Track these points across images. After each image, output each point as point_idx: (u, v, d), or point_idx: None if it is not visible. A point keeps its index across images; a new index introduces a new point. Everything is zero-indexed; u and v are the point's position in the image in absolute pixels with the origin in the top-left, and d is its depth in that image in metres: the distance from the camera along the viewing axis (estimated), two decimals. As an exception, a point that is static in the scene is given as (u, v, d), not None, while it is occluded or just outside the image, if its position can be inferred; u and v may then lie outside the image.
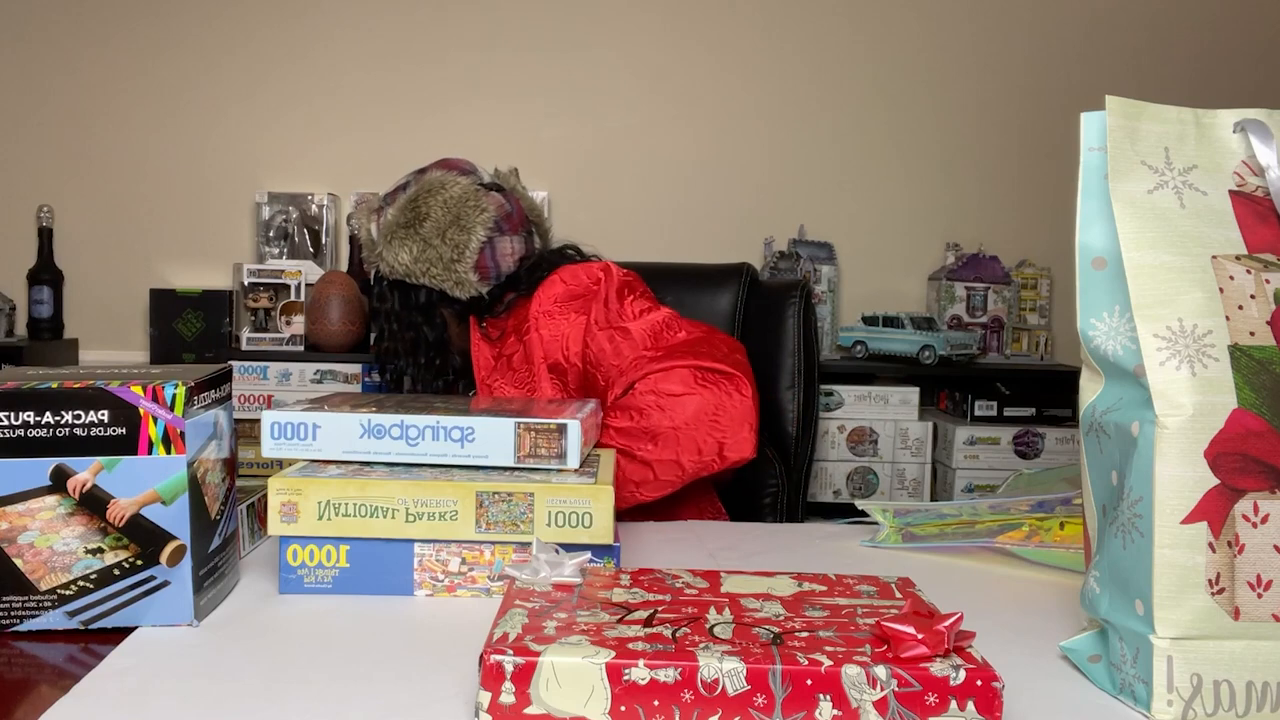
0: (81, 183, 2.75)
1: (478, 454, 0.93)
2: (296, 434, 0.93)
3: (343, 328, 2.45)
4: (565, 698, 0.60)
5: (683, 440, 1.26)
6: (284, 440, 0.93)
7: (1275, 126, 0.73)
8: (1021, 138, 2.84)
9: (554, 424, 0.93)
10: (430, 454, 0.93)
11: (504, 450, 0.93)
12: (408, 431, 0.93)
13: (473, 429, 0.93)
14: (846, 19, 2.85)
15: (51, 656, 0.75)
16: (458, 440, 0.93)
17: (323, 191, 2.74)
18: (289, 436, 0.93)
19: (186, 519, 0.79)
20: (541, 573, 0.75)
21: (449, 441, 0.93)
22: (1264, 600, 0.66)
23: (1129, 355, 0.70)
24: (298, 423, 0.93)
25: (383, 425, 0.93)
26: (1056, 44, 2.87)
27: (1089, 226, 0.73)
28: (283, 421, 0.93)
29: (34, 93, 2.74)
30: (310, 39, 2.76)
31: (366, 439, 0.93)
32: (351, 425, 0.93)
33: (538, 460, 0.93)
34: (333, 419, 0.94)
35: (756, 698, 0.60)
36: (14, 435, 0.76)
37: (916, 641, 0.61)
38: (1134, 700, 0.69)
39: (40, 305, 2.64)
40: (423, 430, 0.93)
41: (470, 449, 0.93)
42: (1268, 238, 0.71)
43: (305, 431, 0.93)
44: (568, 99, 2.80)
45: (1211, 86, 2.84)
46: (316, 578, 0.88)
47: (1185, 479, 0.66)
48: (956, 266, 2.74)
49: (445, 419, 0.93)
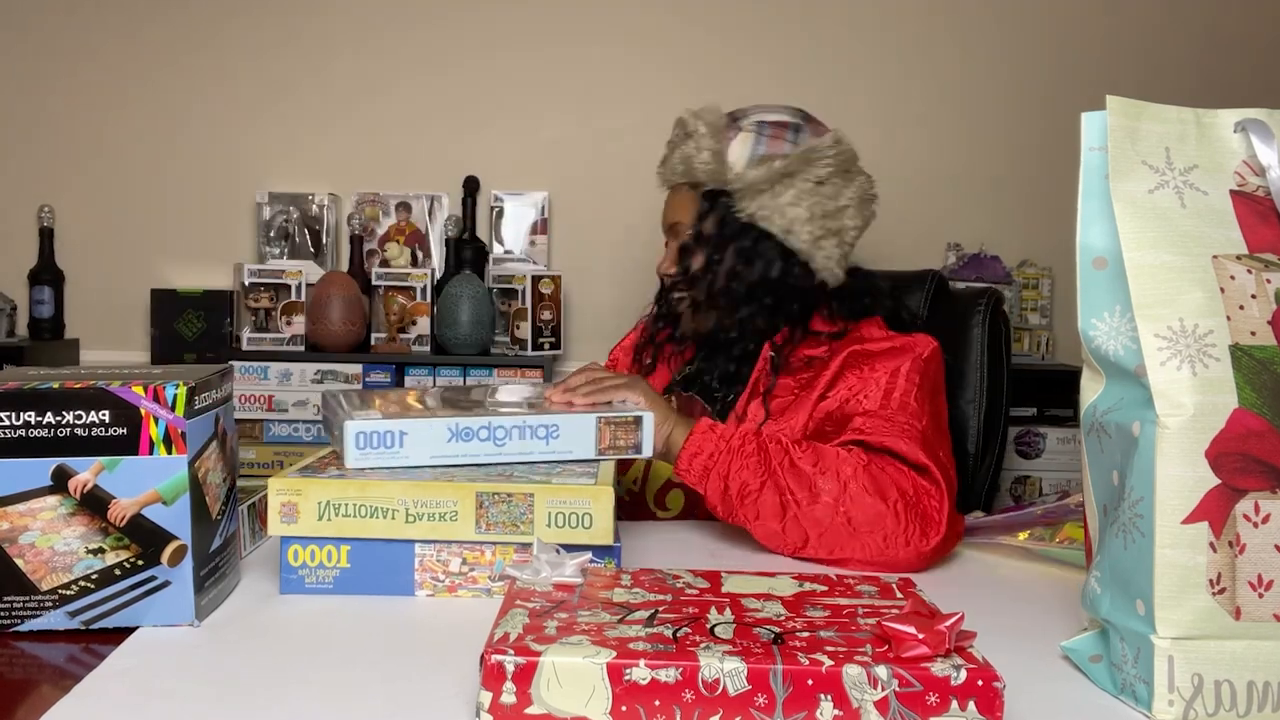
0: (82, 183, 2.75)
1: (562, 450, 0.96)
2: (383, 442, 0.92)
3: (343, 328, 2.45)
4: (566, 698, 0.60)
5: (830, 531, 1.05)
6: (370, 450, 0.92)
7: (1276, 126, 0.73)
8: (1023, 138, 2.84)
9: (631, 416, 0.98)
10: (517, 453, 0.95)
11: (586, 444, 0.97)
12: (495, 432, 0.94)
13: (557, 426, 0.96)
14: (846, 19, 2.84)
15: (52, 656, 0.75)
16: (543, 438, 0.95)
17: (323, 191, 2.74)
18: (375, 445, 0.92)
19: (187, 519, 0.79)
20: (542, 573, 0.75)
21: (535, 439, 0.95)
22: (1265, 600, 0.66)
23: (1130, 355, 0.70)
24: (384, 431, 0.92)
25: (471, 428, 0.94)
26: (1057, 44, 2.86)
27: (1090, 226, 0.73)
28: (368, 430, 0.92)
29: (34, 92, 2.74)
30: (311, 39, 2.76)
31: (455, 442, 0.93)
32: (439, 430, 0.93)
33: (616, 451, 0.97)
34: (421, 425, 0.93)
35: (757, 698, 0.60)
36: (15, 435, 0.76)
37: (917, 641, 0.61)
38: (1135, 700, 0.69)
39: (41, 305, 2.64)
40: (510, 430, 0.94)
41: (555, 445, 0.96)
42: (1268, 237, 0.71)
43: (392, 440, 0.92)
44: (568, 99, 2.80)
45: (1212, 86, 2.84)
46: (317, 578, 0.88)
47: (1186, 479, 0.66)
48: (958, 266, 2.74)
49: (531, 418, 0.95)
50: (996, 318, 1.60)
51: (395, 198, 2.75)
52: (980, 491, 1.59)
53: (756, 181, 1.27)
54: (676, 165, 1.34)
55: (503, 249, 2.75)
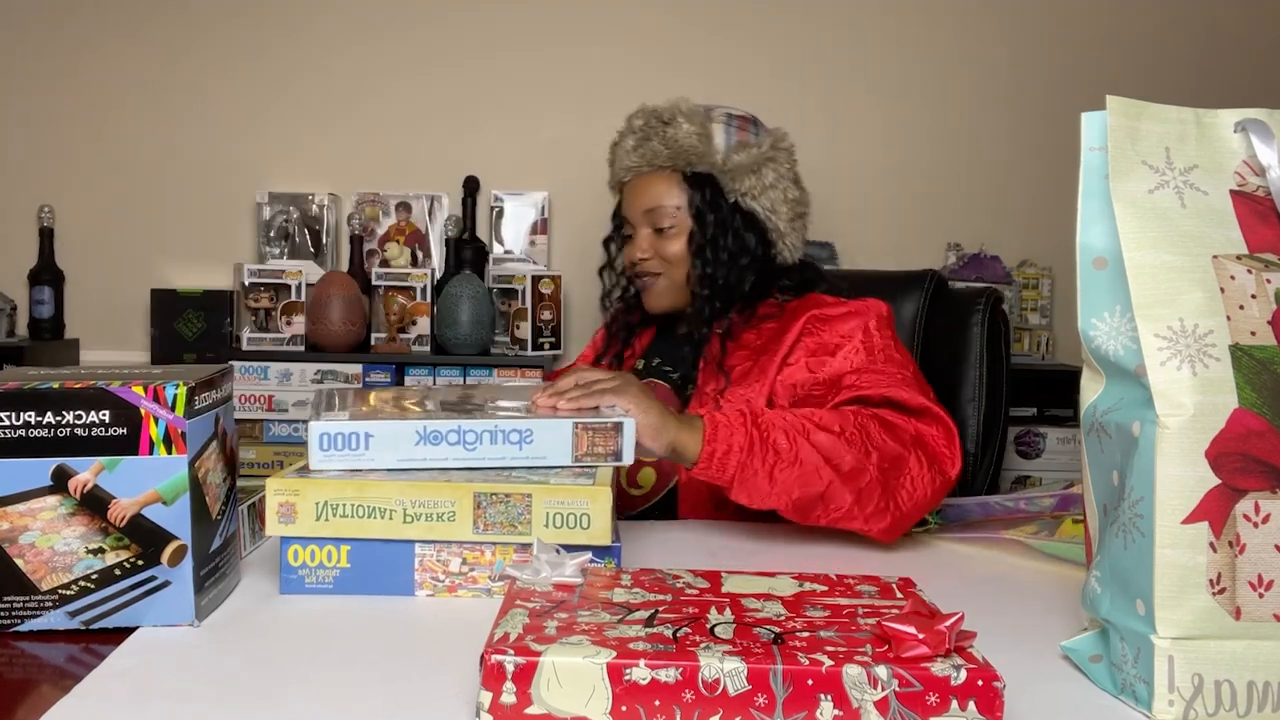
0: (82, 183, 2.75)
1: (536, 455, 0.92)
2: (348, 444, 0.90)
3: (343, 328, 2.45)
4: (566, 698, 0.60)
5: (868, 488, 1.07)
6: (334, 451, 0.90)
7: (1276, 126, 0.73)
8: (1023, 138, 2.84)
9: (610, 423, 0.94)
10: (488, 458, 0.91)
11: (562, 450, 0.93)
12: (465, 436, 0.91)
13: (531, 431, 0.92)
14: (847, 19, 2.84)
15: (52, 656, 0.75)
16: (516, 443, 0.92)
17: (323, 191, 2.74)
18: (339, 447, 0.90)
19: (187, 519, 0.79)
20: (542, 573, 0.75)
21: (507, 444, 0.92)
22: (1265, 600, 0.66)
23: (1130, 355, 0.70)
24: (348, 432, 0.90)
25: (439, 431, 0.90)
26: (1057, 43, 2.86)
27: (1090, 226, 0.73)
28: (332, 432, 0.89)
29: (34, 93, 2.74)
30: (311, 39, 2.76)
31: (423, 445, 0.90)
32: (406, 432, 0.90)
33: (594, 458, 0.93)
34: (386, 427, 0.90)
35: (757, 698, 0.60)
36: (15, 435, 0.76)
37: (918, 641, 0.61)
38: (1135, 700, 0.69)
39: (41, 305, 2.64)
40: (480, 434, 0.91)
41: (529, 450, 0.92)
42: (1268, 237, 0.71)
43: (356, 441, 0.90)
44: (568, 99, 2.80)
45: (1212, 86, 2.84)
46: (317, 578, 0.88)
47: (1186, 479, 0.66)
48: (958, 266, 2.74)
49: (503, 422, 0.92)
50: (996, 317, 1.60)
51: (395, 198, 2.75)
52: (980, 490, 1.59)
53: (742, 164, 1.35)
54: (659, 149, 1.37)
55: (503, 249, 2.75)
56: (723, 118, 1.39)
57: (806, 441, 1.07)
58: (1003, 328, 1.62)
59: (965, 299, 1.64)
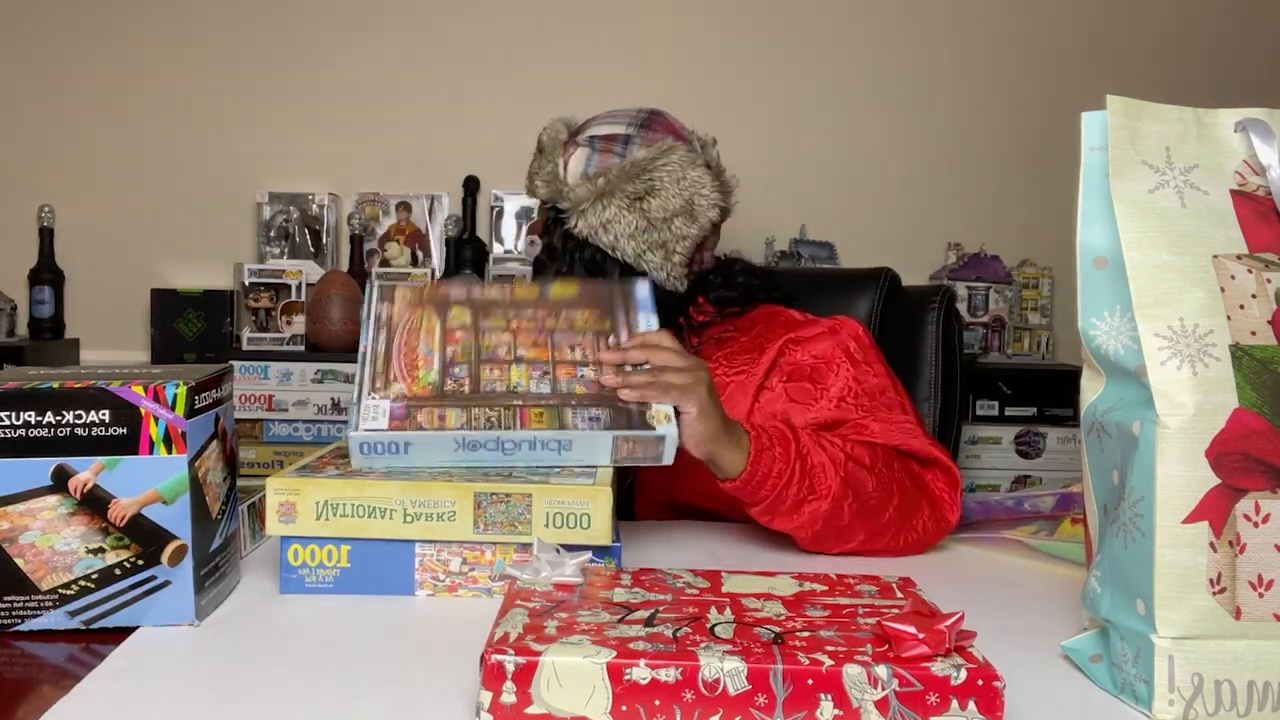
0: (82, 183, 2.75)
1: (575, 459, 0.93)
2: (389, 450, 0.91)
3: (343, 328, 2.45)
4: (566, 697, 0.60)
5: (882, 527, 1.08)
6: (374, 455, 0.91)
7: (1276, 126, 0.73)
8: (1023, 137, 2.84)
9: (653, 436, 0.93)
10: (527, 459, 0.92)
11: (601, 457, 0.93)
12: (504, 445, 0.91)
13: (571, 442, 0.92)
14: (848, 19, 2.84)
15: (52, 656, 0.75)
16: (554, 449, 0.92)
17: (323, 191, 2.74)
18: (380, 453, 0.91)
19: (187, 519, 0.79)
20: (542, 573, 0.75)
21: (546, 450, 0.92)
22: (1265, 600, 0.66)
23: (1130, 355, 0.70)
24: (389, 441, 0.90)
25: (478, 440, 0.91)
26: (1058, 43, 2.86)
27: (1090, 226, 0.73)
28: (373, 441, 0.90)
29: (34, 92, 2.74)
30: (311, 39, 2.76)
31: (462, 452, 0.91)
32: (445, 442, 0.91)
33: (634, 460, 0.94)
34: (425, 437, 0.91)
35: (758, 697, 0.60)
36: (15, 435, 0.76)
37: (918, 641, 0.61)
38: (1135, 700, 0.69)
39: (41, 305, 2.64)
40: (520, 444, 0.91)
41: (568, 455, 0.93)
42: (1269, 237, 0.71)
43: (397, 448, 0.91)
44: (567, 99, 2.80)
45: (1212, 86, 2.84)
46: (318, 577, 0.88)
47: (1186, 478, 0.66)
48: (958, 266, 2.74)
49: (543, 433, 0.91)
50: (950, 316, 1.61)
51: (395, 197, 2.75)
52: None
53: (582, 199, 1.28)
54: (526, 181, 1.37)
55: (503, 249, 2.75)
56: (587, 141, 1.32)
57: (838, 476, 1.05)
58: (956, 326, 1.63)
59: (919, 298, 1.65)
